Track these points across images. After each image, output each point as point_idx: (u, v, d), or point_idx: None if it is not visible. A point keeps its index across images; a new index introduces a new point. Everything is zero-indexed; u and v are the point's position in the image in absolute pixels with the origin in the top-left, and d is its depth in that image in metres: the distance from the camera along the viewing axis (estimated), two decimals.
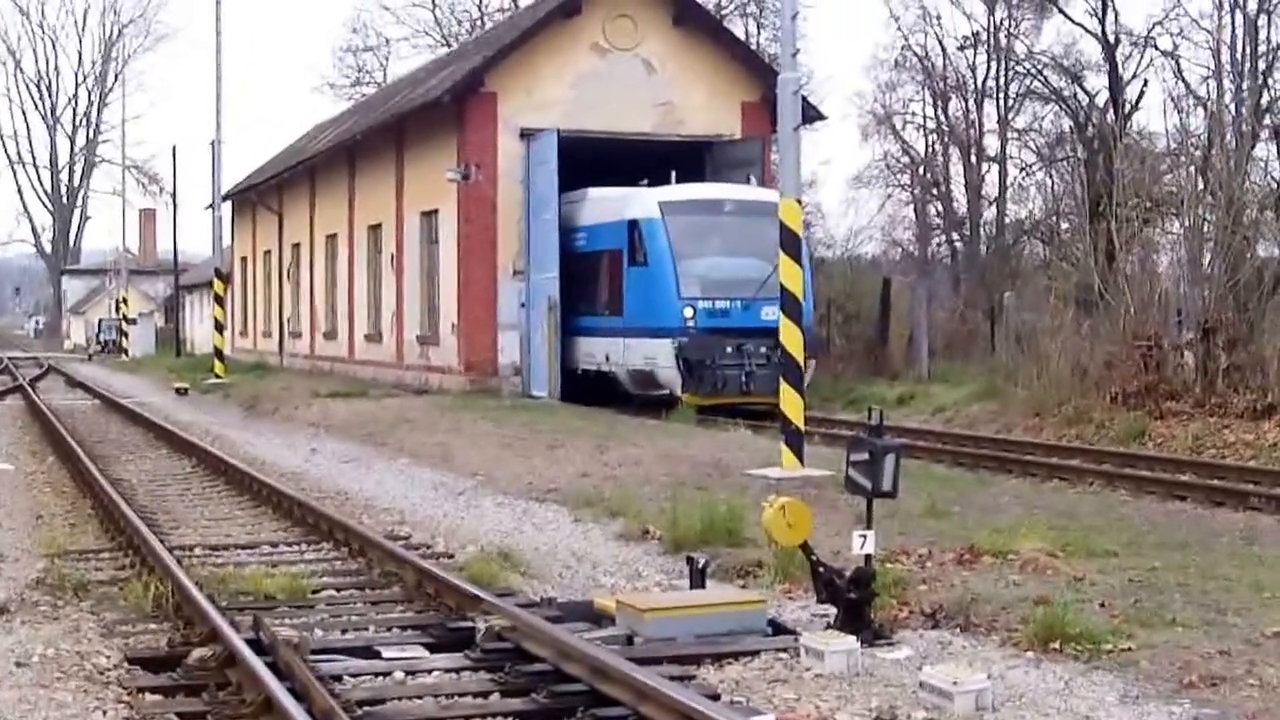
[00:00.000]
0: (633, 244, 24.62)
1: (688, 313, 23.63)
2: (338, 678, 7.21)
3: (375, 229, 33.39)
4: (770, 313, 23.17)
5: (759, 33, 51.29)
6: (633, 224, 24.65)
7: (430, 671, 7.49)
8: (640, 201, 24.99)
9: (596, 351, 25.77)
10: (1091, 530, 10.86)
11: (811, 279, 25.87)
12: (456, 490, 14.87)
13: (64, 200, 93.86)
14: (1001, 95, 48.41)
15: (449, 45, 53.79)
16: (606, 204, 25.98)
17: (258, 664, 6.95)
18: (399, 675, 7.41)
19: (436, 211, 28.94)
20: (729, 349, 23.25)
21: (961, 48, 48.93)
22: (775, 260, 23.22)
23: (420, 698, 7.03)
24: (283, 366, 39.91)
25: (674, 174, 26.08)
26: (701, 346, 23.30)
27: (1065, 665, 7.29)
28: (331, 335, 37.09)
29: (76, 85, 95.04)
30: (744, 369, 23.26)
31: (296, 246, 40.55)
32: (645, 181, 26.56)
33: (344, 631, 8.45)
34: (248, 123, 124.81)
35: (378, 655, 7.78)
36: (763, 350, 22.71)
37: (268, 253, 44.11)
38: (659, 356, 23.85)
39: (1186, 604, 8.22)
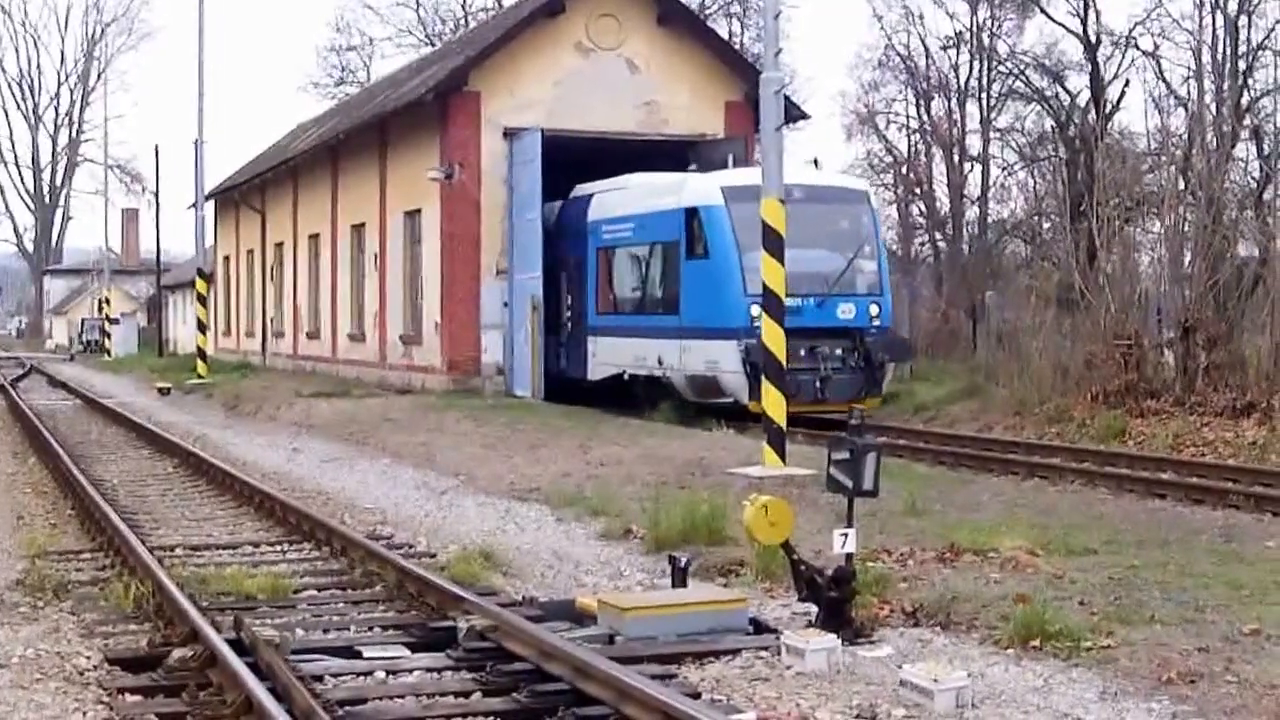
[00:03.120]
0: (691, 234, 22.19)
1: (755, 311, 20.58)
2: (319, 678, 7.20)
3: (358, 228, 33.33)
4: (847, 310, 21.70)
5: (743, 32, 51.43)
6: (691, 212, 22.25)
7: (412, 671, 7.50)
8: (700, 188, 22.65)
9: (648, 354, 23.13)
10: (1072, 528, 10.91)
11: (889, 274, 23.73)
12: (439, 490, 14.87)
13: (46, 200, 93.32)
14: (984, 95, 48.54)
15: (432, 44, 53.74)
16: (656, 191, 23.79)
17: (238, 664, 6.94)
18: (380, 675, 7.41)
19: (420, 211, 28.89)
20: (801, 352, 20.12)
21: (944, 47, 48.99)
22: (851, 253, 22.36)
23: (402, 697, 7.03)
24: (266, 366, 39.80)
25: (731, 158, 24.08)
26: None
27: (1045, 663, 7.33)
28: (314, 335, 37.01)
29: (59, 84, 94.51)
30: (818, 374, 20.87)
31: (279, 246, 40.44)
32: (693, 167, 24.64)
33: (325, 631, 8.45)
34: (231, 122, 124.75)
35: (359, 655, 7.78)
36: (838, 353, 20.92)
37: (250, 252, 43.98)
38: (722, 360, 21.34)
39: (1165, 601, 8.27)
